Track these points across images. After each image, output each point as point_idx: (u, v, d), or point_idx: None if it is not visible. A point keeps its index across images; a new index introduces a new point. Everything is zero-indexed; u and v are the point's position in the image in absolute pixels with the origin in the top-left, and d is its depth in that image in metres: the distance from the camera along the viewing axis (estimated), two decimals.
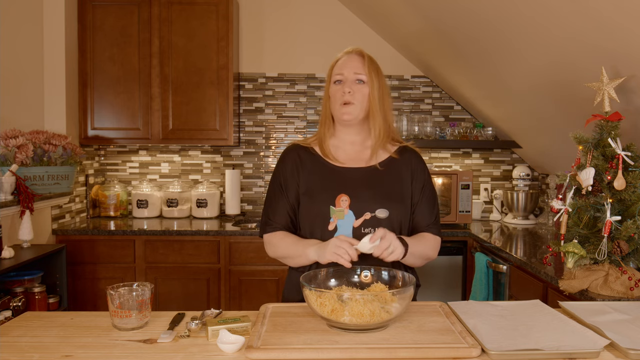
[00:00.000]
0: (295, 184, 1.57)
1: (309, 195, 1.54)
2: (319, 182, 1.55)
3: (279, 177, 1.61)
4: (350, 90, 1.53)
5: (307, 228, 1.55)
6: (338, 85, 1.56)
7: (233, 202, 3.59)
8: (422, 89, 3.78)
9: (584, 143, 1.81)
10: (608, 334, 1.16)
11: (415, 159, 1.62)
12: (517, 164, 3.75)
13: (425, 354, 1.09)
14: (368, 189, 1.53)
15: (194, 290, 3.08)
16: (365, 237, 1.38)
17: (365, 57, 1.57)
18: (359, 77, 1.54)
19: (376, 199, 1.51)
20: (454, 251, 3.17)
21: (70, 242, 3.04)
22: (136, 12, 3.33)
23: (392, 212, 1.51)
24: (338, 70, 1.57)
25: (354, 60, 1.56)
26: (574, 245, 1.74)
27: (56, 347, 1.15)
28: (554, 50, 2.17)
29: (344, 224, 1.50)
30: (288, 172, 1.59)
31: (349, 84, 1.54)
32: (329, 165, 1.57)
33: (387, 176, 1.57)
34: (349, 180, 1.54)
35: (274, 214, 1.59)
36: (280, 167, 1.62)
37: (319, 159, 1.59)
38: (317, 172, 1.57)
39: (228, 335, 1.15)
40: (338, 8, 3.70)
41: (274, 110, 3.76)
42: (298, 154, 1.61)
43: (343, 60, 1.58)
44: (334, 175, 1.55)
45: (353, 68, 1.55)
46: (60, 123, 3.14)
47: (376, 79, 1.56)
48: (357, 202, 1.50)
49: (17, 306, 2.35)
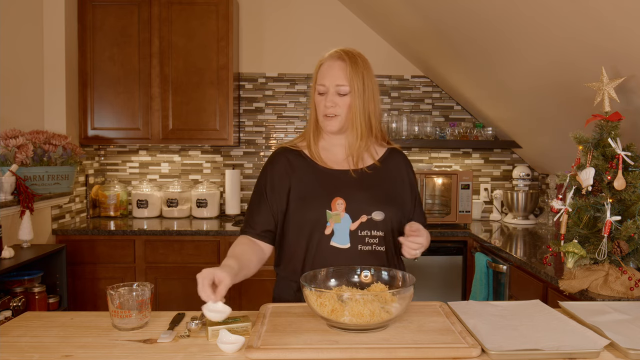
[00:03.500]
0: (285, 188, 1.53)
1: (303, 200, 1.51)
2: (313, 186, 1.52)
3: (265, 181, 1.56)
4: (332, 104, 1.48)
5: (303, 233, 1.50)
6: (320, 97, 1.51)
7: (233, 202, 3.59)
8: (422, 89, 3.78)
9: (584, 143, 1.81)
10: (608, 334, 1.16)
11: (404, 161, 1.63)
12: (517, 164, 3.75)
13: (425, 354, 1.09)
14: (363, 191, 1.51)
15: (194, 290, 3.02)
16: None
17: (347, 63, 1.48)
18: (341, 89, 1.48)
19: (371, 201, 1.50)
20: (454, 251, 3.17)
21: (70, 242, 3.04)
22: (136, 12, 3.33)
23: (387, 213, 1.50)
24: (321, 78, 1.50)
25: (335, 69, 1.48)
26: (574, 245, 1.74)
27: (56, 347, 1.15)
28: (554, 50, 2.17)
29: (341, 227, 1.48)
30: (277, 177, 1.54)
31: (330, 97, 1.48)
32: (321, 169, 1.54)
33: (379, 178, 1.56)
34: (343, 183, 1.52)
35: (252, 219, 1.55)
36: (269, 170, 1.57)
37: (310, 162, 1.55)
38: (309, 175, 1.53)
39: (228, 335, 1.15)
40: (338, 8, 3.70)
41: (274, 110, 3.76)
42: (287, 158, 1.57)
43: (325, 68, 1.51)
44: (327, 179, 1.53)
45: (335, 78, 1.48)
46: (60, 123, 3.14)
47: (359, 84, 1.48)
48: (353, 204, 1.48)
49: (17, 306, 2.35)
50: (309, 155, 1.56)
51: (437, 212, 3.31)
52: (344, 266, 1.42)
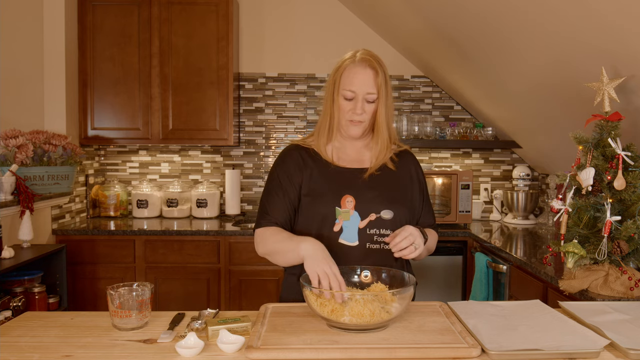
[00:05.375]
0: (297, 183, 1.55)
1: (313, 196, 1.52)
2: (323, 183, 1.54)
3: (279, 174, 1.57)
4: (362, 111, 1.50)
5: (312, 228, 1.51)
6: (348, 102, 1.50)
7: (233, 202, 3.59)
8: (422, 89, 3.78)
9: (584, 143, 1.81)
10: (608, 334, 1.16)
11: (414, 162, 1.65)
12: (517, 164, 3.75)
13: (425, 354, 1.09)
14: (372, 190, 1.53)
15: (194, 290, 3.08)
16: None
17: (376, 71, 1.48)
18: (369, 97, 1.49)
19: (381, 200, 1.52)
20: (454, 251, 3.17)
21: (70, 242, 3.04)
22: (136, 12, 3.33)
23: (396, 213, 1.51)
24: (348, 83, 1.48)
25: (365, 76, 1.48)
26: (574, 245, 1.74)
27: (56, 347, 1.15)
28: (554, 51, 2.17)
29: (350, 225, 1.49)
30: (291, 170, 1.56)
31: (360, 105, 1.49)
32: (332, 166, 1.56)
33: (388, 178, 1.57)
34: (353, 182, 1.53)
35: (272, 208, 1.54)
36: (281, 165, 1.59)
37: (321, 160, 1.57)
38: (320, 173, 1.55)
39: (228, 335, 1.15)
40: (338, 8, 3.70)
41: (274, 110, 3.76)
42: (299, 154, 1.58)
43: (354, 72, 1.48)
44: (338, 176, 1.54)
45: (365, 86, 1.48)
46: (60, 123, 3.14)
47: (385, 92, 1.50)
48: (362, 203, 1.50)
49: (17, 306, 2.35)
50: (320, 153, 1.58)
51: (437, 212, 3.31)
52: (344, 266, 1.42)
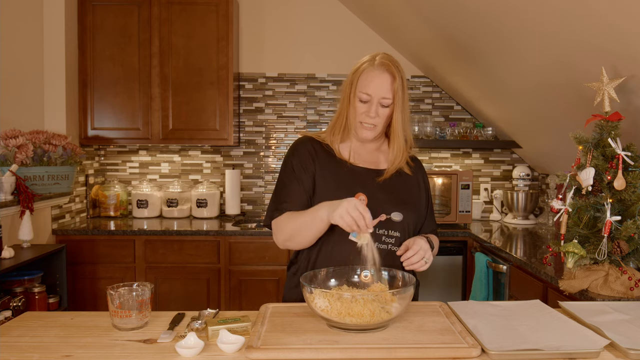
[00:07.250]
0: (311, 172, 1.54)
1: (326, 188, 1.52)
2: (336, 178, 1.54)
3: (293, 163, 1.56)
4: (376, 115, 1.50)
5: None
6: (363, 104, 1.51)
7: (233, 202, 3.59)
8: (422, 89, 3.78)
9: (584, 143, 1.81)
10: (608, 334, 1.16)
11: (420, 168, 1.68)
12: (517, 164, 3.75)
13: (425, 354, 1.09)
14: (383, 192, 1.54)
15: (194, 290, 3.08)
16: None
17: (394, 76, 1.48)
18: (384, 102, 1.49)
19: (391, 202, 1.53)
20: (454, 251, 3.17)
21: (70, 242, 3.04)
22: (136, 12, 3.33)
23: (405, 216, 1.52)
24: (365, 87, 1.49)
25: (383, 80, 1.48)
26: (574, 245, 1.74)
27: (56, 347, 1.15)
28: (554, 51, 2.17)
29: None
30: (304, 160, 1.55)
31: (374, 108, 1.49)
32: (345, 164, 1.56)
33: (402, 182, 1.59)
34: (365, 181, 1.54)
35: (287, 197, 1.53)
36: (294, 154, 1.58)
37: (334, 155, 1.57)
38: (333, 168, 1.55)
39: (228, 335, 1.15)
40: (338, 8, 3.70)
41: (274, 110, 3.76)
42: (312, 146, 1.58)
43: (372, 75, 1.49)
44: (352, 174, 1.55)
45: (381, 90, 1.48)
46: (60, 123, 3.14)
47: (402, 98, 1.50)
48: (374, 202, 1.50)
49: (17, 306, 2.35)
50: (333, 149, 1.58)
51: (437, 212, 3.31)
52: (344, 266, 1.42)
